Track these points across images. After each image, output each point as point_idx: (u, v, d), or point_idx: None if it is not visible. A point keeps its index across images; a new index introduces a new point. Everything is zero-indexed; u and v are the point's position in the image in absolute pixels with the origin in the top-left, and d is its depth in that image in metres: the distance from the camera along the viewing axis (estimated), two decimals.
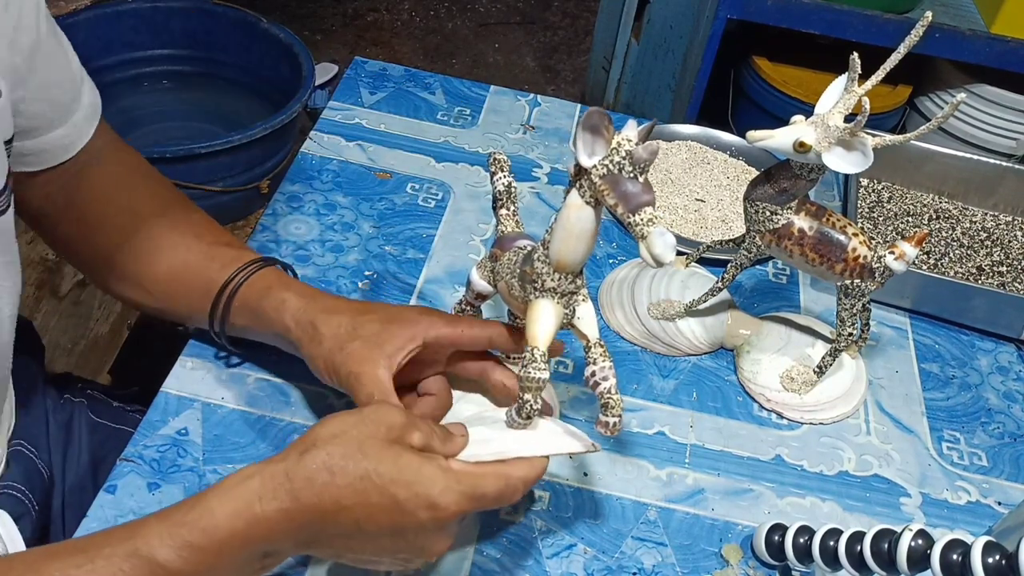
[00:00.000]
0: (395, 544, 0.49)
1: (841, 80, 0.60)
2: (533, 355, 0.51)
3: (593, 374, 0.54)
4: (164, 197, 0.69)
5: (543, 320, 0.52)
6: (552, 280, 0.52)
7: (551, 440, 0.54)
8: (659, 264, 0.45)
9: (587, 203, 0.48)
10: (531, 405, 0.52)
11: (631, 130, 0.47)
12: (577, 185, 0.49)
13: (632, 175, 0.46)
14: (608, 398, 0.54)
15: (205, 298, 0.64)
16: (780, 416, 0.74)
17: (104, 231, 0.67)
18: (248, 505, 0.45)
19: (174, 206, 0.69)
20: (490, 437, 0.54)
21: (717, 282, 0.74)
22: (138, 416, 0.80)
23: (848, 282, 0.67)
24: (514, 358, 0.64)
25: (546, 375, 0.52)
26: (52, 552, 0.45)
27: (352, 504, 0.46)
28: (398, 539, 0.49)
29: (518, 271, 0.55)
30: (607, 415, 0.54)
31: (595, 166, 0.47)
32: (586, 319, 0.55)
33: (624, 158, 0.46)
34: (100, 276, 0.70)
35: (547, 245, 0.51)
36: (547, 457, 0.53)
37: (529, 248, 0.55)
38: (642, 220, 0.45)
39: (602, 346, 0.55)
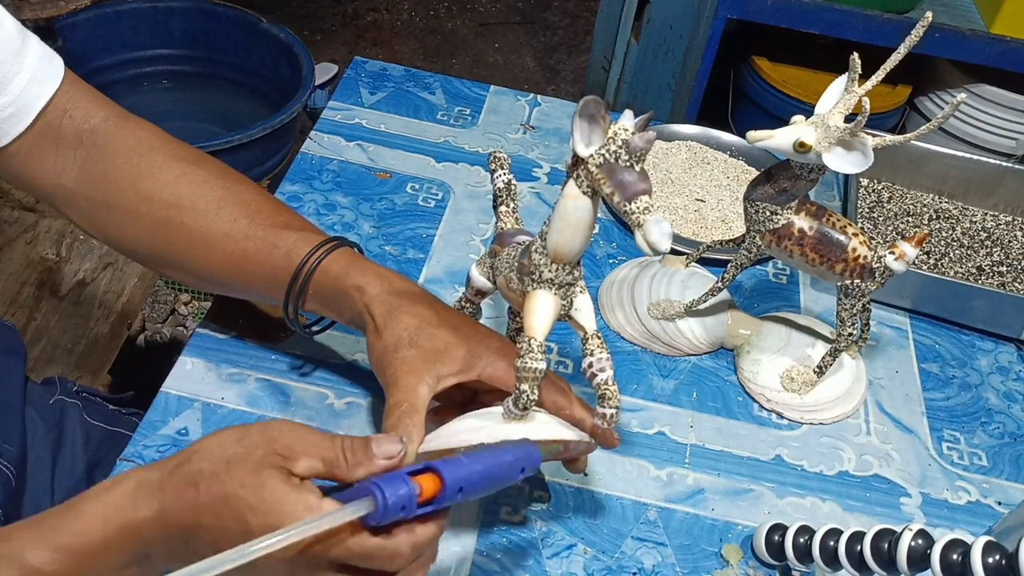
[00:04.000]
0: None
1: (841, 80, 0.60)
2: (530, 345, 0.52)
3: (590, 365, 0.54)
4: (199, 177, 0.64)
5: (540, 311, 0.53)
6: (550, 271, 0.52)
7: (547, 428, 0.54)
8: (655, 252, 0.45)
9: (584, 193, 0.49)
10: (528, 395, 0.52)
11: (628, 120, 0.47)
12: (574, 175, 0.49)
13: (628, 164, 0.46)
14: (605, 389, 0.54)
15: (272, 285, 0.62)
16: (780, 416, 0.74)
17: (141, 222, 0.64)
18: (120, 510, 0.44)
19: (214, 186, 0.64)
20: (483, 425, 0.54)
21: (717, 282, 0.74)
22: (134, 419, 0.80)
23: (848, 282, 0.67)
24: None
25: (543, 365, 0.52)
26: None
27: (209, 524, 0.44)
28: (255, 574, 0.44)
29: (516, 264, 0.55)
30: (604, 406, 0.55)
31: (592, 155, 0.47)
32: (584, 311, 0.55)
33: (620, 147, 0.46)
34: (147, 263, 0.68)
35: (545, 236, 0.51)
36: (445, 515, 0.47)
37: (528, 242, 0.55)
38: (638, 208, 0.45)
39: (599, 338, 0.55)
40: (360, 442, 0.47)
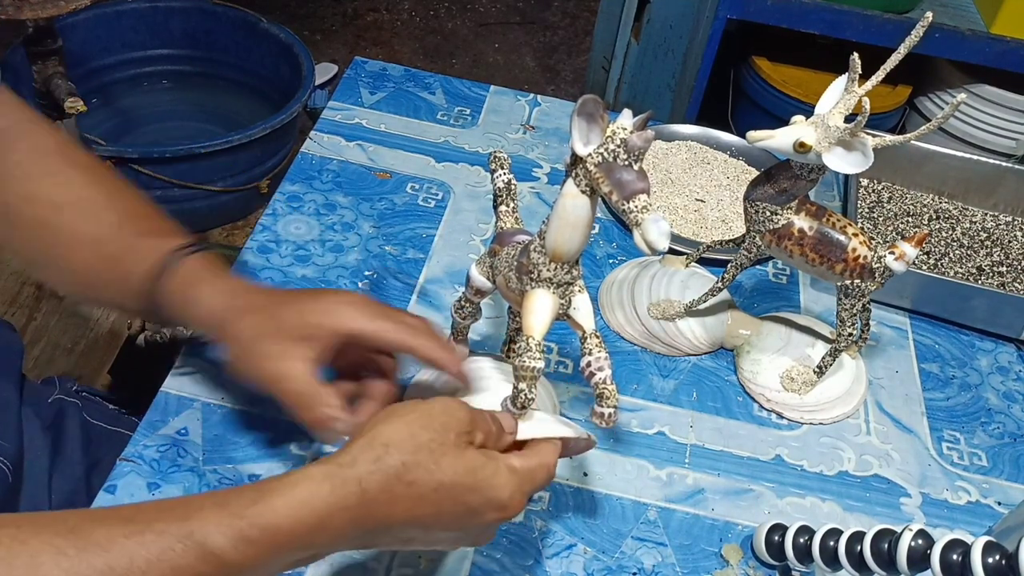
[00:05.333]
0: (455, 538, 0.51)
1: (841, 80, 0.60)
2: (528, 344, 0.52)
3: (588, 364, 0.54)
4: (85, 183, 0.64)
5: (539, 310, 0.53)
6: (548, 270, 0.52)
7: (545, 426, 0.54)
8: (654, 251, 0.45)
9: (582, 192, 0.49)
10: (526, 394, 0.52)
11: (626, 119, 0.47)
12: (573, 174, 0.49)
13: (626, 163, 0.46)
14: (603, 388, 0.54)
15: (127, 294, 0.61)
16: (780, 416, 0.74)
17: (21, 220, 0.64)
18: (315, 512, 0.44)
19: (97, 193, 0.64)
20: None
21: (717, 282, 0.74)
22: (134, 419, 0.80)
23: (848, 282, 0.67)
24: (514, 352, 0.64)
25: (541, 364, 0.52)
26: (94, 516, 0.44)
27: (424, 513, 0.47)
28: (460, 535, 0.50)
29: (515, 263, 0.55)
30: (602, 405, 0.55)
31: (590, 154, 0.47)
32: (582, 310, 0.55)
33: (619, 146, 0.46)
34: (27, 264, 0.67)
35: (543, 236, 0.51)
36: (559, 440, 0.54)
37: (527, 241, 0.55)
38: (636, 207, 0.45)
39: (598, 337, 0.55)
40: (495, 417, 0.52)
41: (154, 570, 0.41)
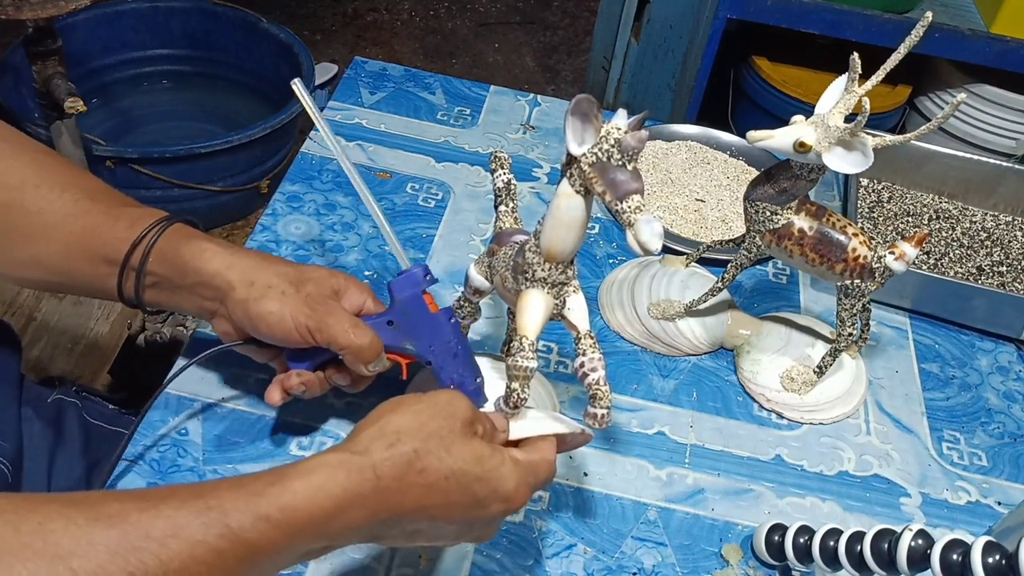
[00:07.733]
0: (459, 531, 0.51)
1: (841, 80, 0.60)
2: (521, 344, 0.52)
3: (582, 365, 0.54)
4: (43, 164, 0.62)
5: (532, 310, 0.53)
6: (542, 270, 0.52)
7: (539, 424, 0.55)
8: (646, 252, 0.45)
9: (577, 192, 0.49)
10: (519, 394, 0.52)
11: (620, 119, 0.47)
12: (567, 174, 0.49)
13: (620, 163, 0.46)
14: (596, 389, 0.54)
15: (112, 262, 0.60)
16: (780, 416, 0.74)
17: None
18: (332, 497, 0.44)
19: (58, 171, 0.62)
20: None
21: (717, 282, 0.74)
22: (134, 419, 0.80)
23: (848, 282, 0.67)
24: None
25: (534, 364, 0.52)
26: (105, 493, 0.43)
27: (433, 503, 0.47)
28: (465, 528, 0.50)
29: (511, 263, 0.55)
30: (595, 406, 0.54)
31: (584, 154, 0.47)
32: (576, 310, 0.55)
33: (613, 146, 0.46)
34: None
35: (538, 235, 0.51)
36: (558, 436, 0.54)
37: (523, 241, 0.55)
38: (629, 208, 0.45)
39: (592, 337, 0.55)
40: (488, 417, 0.53)
41: (171, 545, 0.40)
